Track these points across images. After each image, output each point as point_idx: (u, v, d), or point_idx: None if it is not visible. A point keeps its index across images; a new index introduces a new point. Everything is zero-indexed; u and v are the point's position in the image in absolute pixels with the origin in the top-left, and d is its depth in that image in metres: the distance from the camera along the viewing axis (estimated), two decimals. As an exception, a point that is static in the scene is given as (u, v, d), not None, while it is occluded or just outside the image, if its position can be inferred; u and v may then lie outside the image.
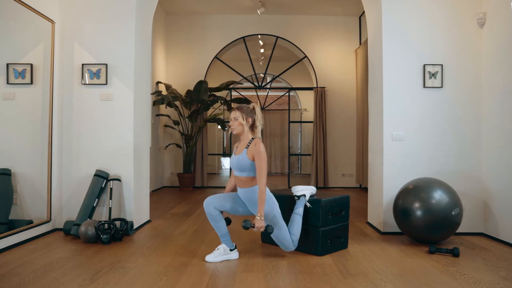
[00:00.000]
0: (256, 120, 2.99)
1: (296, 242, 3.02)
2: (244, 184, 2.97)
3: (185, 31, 7.64)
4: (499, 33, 3.63)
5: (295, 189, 3.23)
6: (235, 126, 2.96)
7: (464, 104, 3.85)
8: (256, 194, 2.90)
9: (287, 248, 3.02)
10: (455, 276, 2.63)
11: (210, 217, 2.94)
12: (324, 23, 7.65)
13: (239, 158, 2.94)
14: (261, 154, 2.84)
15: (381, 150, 3.88)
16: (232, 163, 3.01)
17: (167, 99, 6.57)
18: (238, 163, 2.93)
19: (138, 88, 4.07)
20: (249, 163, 2.89)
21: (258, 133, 3.00)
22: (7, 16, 3.39)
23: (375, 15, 4.10)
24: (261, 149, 2.85)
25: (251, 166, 2.90)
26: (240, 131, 2.98)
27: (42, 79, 3.72)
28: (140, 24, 4.11)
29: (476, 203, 3.80)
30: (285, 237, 2.97)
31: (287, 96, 11.44)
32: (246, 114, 2.96)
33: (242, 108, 2.98)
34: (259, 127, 3.00)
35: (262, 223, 2.81)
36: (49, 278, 2.53)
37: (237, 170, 2.97)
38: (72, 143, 3.91)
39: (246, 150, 2.92)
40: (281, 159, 11.15)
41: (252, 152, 2.87)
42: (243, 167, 2.91)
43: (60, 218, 3.88)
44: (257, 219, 2.82)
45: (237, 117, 2.95)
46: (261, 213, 2.82)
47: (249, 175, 2.93)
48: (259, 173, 2.84)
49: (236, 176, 3.01)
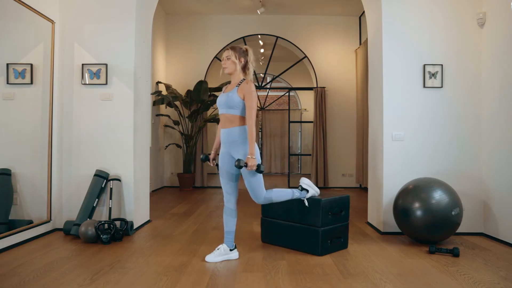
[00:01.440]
0: (248, 61, 2.95)
1: (268, 199, 2.97)
2: (231, 123, 2.88)
3: (185, 31, 7.64)
4: (499, 33, 3.63)
5: (302, 180, 3.23)
6: (228, 64, 2.92)
7: (464, 104, 3.85)
8: (242, 135, 2.85)
9: (257, 198, 2.94)
10: (455, 276, 2.63)
11: (229, 211, 2.97)
12: (324, 23, 7.65)
13: (228, 95, 2.88)
14: (252, 93, 2.81)
15: (381, 150, 3.88)
16: (220, 101, 2.93)
17: (167, 99, 6.57)
18: (227, 99, 2.87)
19: (138, 88, 4.07)
20: (238, 100, 2.84)
21: (250, 75, 2.96)
22: (7, 16, 3.39)
23: (375, 15, 4.10)
24: (252, 88, 2.82)
25: (240, 104, 2.84)
26: (232, 70, 2.93)
27: (42, 79, 3.72)
28: (140, 24, 4.11)
29: (476, 203, 3.80)
30: (259, 186, 2.91)
31: (287, 96, 11.44)
32: (239, 54, 2.92)
33: (235, 48, 2.95)
34: (251, 69, 2.97)
35: (254, 161, 2.76)
36: (49, 278, 2.53)
37: (225, 107, 2.90)
38: (72, 143, 3.91)
39: (236, 88, 2.87)
40: (281, 159, 11.14)
41: (243, 90, 2.83)
42: (232, 105, 2.85)
43: (60, 218, 3.88)
44: (249, 158, 2.76)
45: (230, 56, 2.91)
46: (252, 151, 2.77)
47: (236, 114, 2.86)
48: (249, 111, 2.80)
49: (223, 114, 2.93)
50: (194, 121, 7.14)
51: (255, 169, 2.79)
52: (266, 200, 2.99)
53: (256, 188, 2.91)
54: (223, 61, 2.95)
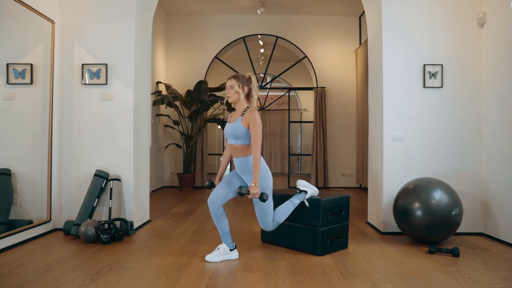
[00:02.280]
0: (252, 89, 2.96)
1: (276, 224, 3.00)
2: (240, 153, 2.92)
3: (185, 31, 7.64)
4: (499, 33, 3.63)
5: (299, 183, 3.23)
6: (231, 94, 2.93)
7: (464, 104, 3.85)
8: (250, 165, 2.87)
9: (265, 226, 2.98)
10: (455, 276, 2.63)
11: (214, 215, 2.93)
12: (324, 23, 7.65)
13: (233, 125, 2.90)
14: (256, 122, 2.81)
15: (381, 150, 3.88)
16: (226, 131, 2.96)
17: (167, 99, 6.57)
18: (233, 130, 2.89)
19: (138, 88, 4.07)
20: (244, 130, 2.85)
21: (254, 102, 2.98)
22: (7, 16, 3.39)
23: (375, 15, 4.10)
24: (256, 116, 2.83)
25: (246, 134, 2.86)
26: (236, 99, 2.94)
27: (42, 79, 3.72)
28: (140, 24, 4.11)
29: (476, 203, 3.80)
30: (268, 214, 2.94)
31: (287, 96, 11.44)
32: (242, 83, 2.94)
33: (238, 76, 2.97)
34: (255, 96, 2.98)
35: (257, 189, 2.77)
36: (49, 278, 2.53)
37: (232, 138, 2.93)
38: (72, 143, 3.91)
39: (241, 117, 2.88)
40: (281, 159, 11.14)
41: (247, 119, 2.84)
42: (238, 135, 2.87)
43: (60, 218, 3.88)
44: (252, 186, 2.77)
45: (233, 85, 2.93)
46: (256, 180, 2.78)
47: (244, 143, 2.89)
48: (253, 140, 2.81)
49: (231, 144, 2.96)
50: (194, 121, 7.14)
51: (257, 197, 2.80)
52: (274, 227, 3.02)
53: (265, 216, 2.96)
54: (227, 90, 2.97)
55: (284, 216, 3.05)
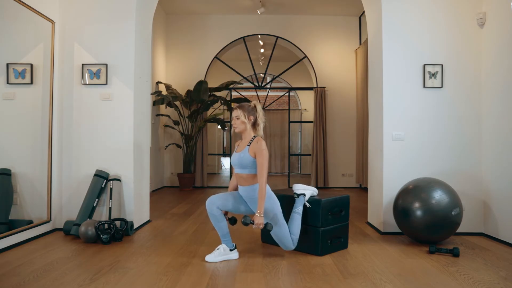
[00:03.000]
0: (257, 118, 3.00)
1: (296, 241, 3.03)
2: (246, 181, 2.97)
3: (185, 31, 7.64)
4: (499, 33, 3.63)
5: (295, 187, 3.24)
6: (237, 124, 2.97)
7: (464, 104, 3.85)
8: (255, 194, 2.91)
9: (287, 247, 3.02)
10: (455, 276, 2.63)
11: (212, 217, 2.94)
12: (324, 23, 7.65)
13: (240, 155, 2.94)
14: (262, 152, 2.85)
15: (381, 150, 3.88)
16: (233, 161, 3.01)
17: (167, 99, 6.57)
18: (239, 160, 2.94)
19: (138, 88, 4.07)
20: (250, 160, 2.90)
21: (260, 130, 3.01)
22: (7, 16, 3.39)
23: (375, 15, 4.10)
24: (262, 146, 2.86)
25: (253, 164, 2.90)
26: (243, 129, 2.98)
27: (42, 79, 3.72)
28: (140, 24, 4.11)
29: (476, 203, 3.80)
30: (285, 236, 2.97)
31: (287, 96, 11.44)
32: (248, 113, 2.97)
33: (244, 106, 2.99)
34: (261, 125, 3.01)
35: (261, 220, 2.81)
36: (49, 278, 2.53)
37: (238, 168, 2.98)
38: (72, 143, 3.91)
39: (248, 147, 2.92)
40: (281, 159, 11.15)
41: (254, 149, 2.88)
42: (245, 164, 2.92)
43: (60, 218, 3.88)
44: (256, 216, 2.82)
45: (239, 116, 2.96)
46: (260, 210, 2.82)
47: (251, 173, 2.93)
48: (260, 170, 2.85)
49: (237, 173, 3.01)
50: (194, 121, 7.14)
51: (262, 228, 2.85)
52: (295, 244, 3.04)
53: (283, 238, 2.99)
54: (233, 120, 3.01)
55: (298, 230, 3.06)
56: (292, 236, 3.01)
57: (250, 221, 2.82)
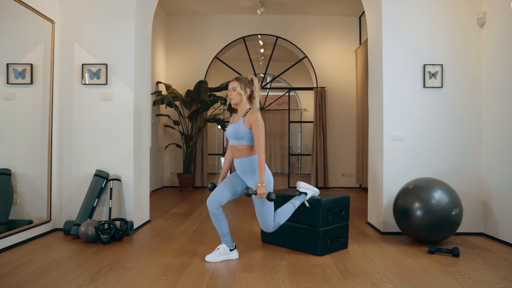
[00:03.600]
0: (254, 91, 2.98)
1: (276, 226, 3.01)
2: (241, 153, 2.93)
3: (185, 31, 7.64)
4: (499, 33, 3.63)
5: (299, 185, 3.23)
6: (234, 96, 2.95)
7: (464, 104, 3.85)
8: (253, 164, 2.89)
9: (266, 228, 2.99)
10: (455, 276, 2.63)
11: (213, 216, 2.93)
12: (324, 23, 7.65)
13: (235, 126, 2.92)
14: (258, 122, 2.83)
15: (381, 150, 3.88)
16: (228, 132, 2.98)
17: (167, 99, 6.57)
18: (235, 131, 2.91)
19: (138, 88, 4.07)
20: (246, 131, 2.87)
21: (256, 103, 3.00)
22: (7, 16, 3.39)
23: (375, 15, 4.10)
24: (258, 117, 2.84)
25: (248, 134, 2.88)
26: (238, 101, 2.96)
27: (42, 79, 3.72)
28: (140, 24, 4.11)
29: (476, 203, 3.80)
30: (268, 216, 2.95)
31: (287, 96, 11.44)
32: (245, 85, 2.96)
33: (241, 79, 2.98)
34: (257, 98, 3.00)
35: (263, 189, 2.78)
36: (49, 278, 2.53)
37: (234, 139, 2.94)
38: (72, 143, 3.91)
39: (243, 118, 2.90)
40: (281, 159, 11.14)
41: (249, 120, 2.86)
42: (240, 135, 2.89)
43: (60, 218, 3.88)
44: (258, 186, 2.79)
45: (236, 87, 2.94)
46: (262, 180, 2.79)
47: (247, 144, 2.90)
48: (257, 141, 2.82)
49: (233, 145, 2.97)
50: (194, 121, 7.14)
51: (265, 197, 2.81)
52: (275, 228, 3.03)
53: (266, 218, 2.96)
54: (229, 92, 2.99)
55: (284, 218, 3.06)
56: (276, 218, 3.00)
57: (253, 192, 2.79)
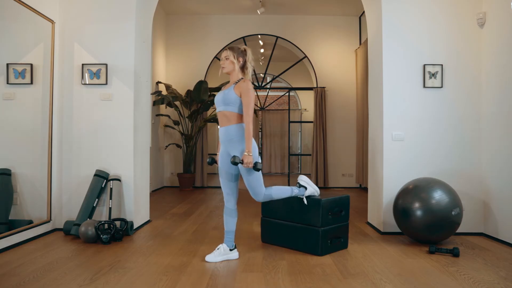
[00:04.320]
0: (247, 61, 2.96)
1: (268, 196, 2.96)
2: (228, 121, 2.88)
3: (185, 31, 7.64)
4: (499, 33, 3.63)
5: (300, 178, 3.23)
6: (226, 64, 2.93)
7: (464, 104, 3.85)
8: (239, 133, 2.84)
9: (256, 196, 2.93)
10: (455, 276, 2.63)
11: (228, 210, 2.98)
12: (324, 23, 7.65)
13: (225, 92, 2.89)
14: (249, 91, 2.81)
15: (381, 150, 3.88)
16: (217, 99, 2.94)
17: (167, 99, 6.57)
18: (223, 97, 2.87)
19: (138, 88, 4.07)
20: (235, 97, 2.84)
21: (249, 74, 2.97)
22: (7, 16, 3.39)
23: (375, 15, 4.10)
24: (249, 86, 2.82)
25: (237, 101, 2.84)
26: (231, 69, 2.93)
27: (42, 79, 3.72)
28: (140, 24, 4.11)
29: (476, 203, 3.80)
30: (257, 184, 2.90)
31: (287, 96, 11.44)
32: (238, 54, 2.93)
33: (234, 48, 2.96)
34: (250, 69, 2.97)
35: (250, 158, 2.75)
36: (49, 278, 2.53)
37: (221, 105, 2.89)
38: (72, 143, 3.91)
39: (234, 85, 2.88)
40: (281, 159, 11.14)
41: (240, 88, 2.83)
42: (229, 101, 2.85)
43: (60, 218, 3.88)
44: (245, 155, 2.75)
45: (228, 56, 2.92)
46: (249, 148, 2.76)
47: (233, 111, 2.86)
48: (246, 109, 2.80)
49: (220, 111, 2.91)
50: (194, 121, 7.14)
51: (251, 167, 2.77)
52: (266, 198, 2.97)
53: (255, 187, 2.90)
54: (222, 61, 2.97)
55: (277, 195, 3.01)
56: (270, 190, 2.97)
57: (239, 161, 2.76)
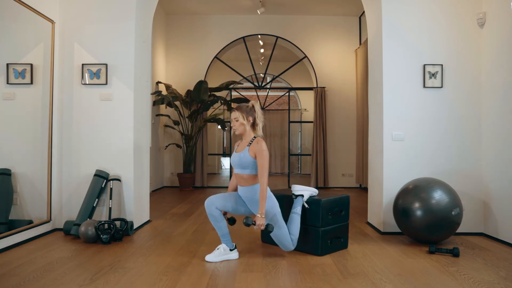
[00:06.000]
0: (256, 118, 2.99)
1: (295, 241, 3.03)
2: (246, 182, 2.97)
3: (185, 31, 7.64)
4: (499, 33, 3.63)
5: (294, 188, 3.24)
6: (237, 126, 2.98)
7: (464, 104, 3.85)
8: (257, 193, 2.91)
9: (287, 248, 3.02)
10: (455, 276, 2.63)
11: (211, 217, 2.94)
12: (324, 23, 7.65)
13: (240, 155, 2.94)
14: (263, 152, 2.85)
15: (381, 150, 3.88)
16: (233, 161, 3.01)
17: (167, 99, 6.57)
18: (239, 160, 2.94)
19: (138, 88, 4.07)
20: (251, 160, 2.90)
21: (259, 130, 3.01)
22: (7, 16, 3.39)
23: (375, 15, 4.10)
24: (263, 147, 2.86)
25: (253, 164, 2.91)
26: (242, 131, 2.99)
27: (42, 79, 3.72)
28: (140, 24, 4.11)
29: (476, 203, 3.80)
30: (284, 237, 2.98)
31: (287, 96, 11.44)
32: (246, 113, 2.97)
33: (242, 107, 2.99)
34: (260, 125, 3.01)
35: (263, 221, 2.82)
36: (49, 278, 2.53)
37: (238, 168, 2.98)
38: (72, 143, 3.91)
39: (248, 148, 2.92)
40: (281, 159, 11.15)
41: (254, 150, 2.89)
42: (245, 165, 2.92)
43: (60, 218, 3.88)
44: (258, 217, 2.83)
45: (238, 118, 2.97)
46: (262, 211, 2.82)
47: (251, 173, 2.93)
48: (260, 171, 2.85)
49: (237, 174, 3.01)
50: (194, 121, 7.14)
51: (263, 229, 2.85)
52: (295, 245, 3.05)
53: (282, 240, 3.00)
54: (232, 122, 3.01)
55: (297, 231, 3.07)
56: (291, 236, 3.02)
57: (251, 222, 2.83)
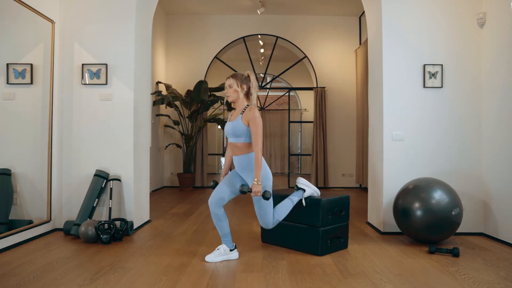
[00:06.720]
0: (251, 87, 2.97)
1: (276, 222, 3.02)
2: (240, 151, 2.93)
3: (185, 31, 7.64)
4: (499, 33, 3.63)
5: (298, 180, 3.24)
6: (230, 93, 2.95)
7: (464, 104, 3.85)
8: (252, 162, 2.88)
9: (266, 224, 3.01)
10: (455, 276, 2.63)
11: (215, 216, 2.93)
12: (324, 23, 7.65)
13: (233, 124, 2.91)
14: (256, 119, 2.82)
15: (381, 150, 3.88)
16: (227, 130, 2.97)
17: (167, 99, 6.57)
18: (233, 129, 2.90)
19: (138, 88, 4.07)
20: (244, 128, 2.86)
21: (253, 100, 2.99)
22: (7, 16, 3.39)
23: (375, 15, 4.10)
24: (256, 114, 2.84)
25: (247, 132, 2.87)
26: (235, 98, 2.95)
27: (42, 79, 3.72)
28: (140, 24, 4.11)
29: (476, 203, 3.80)
30: (268, 212, 2.96)
31: (287, 96, 11.44)
32: (241, 81, 2.95)
33: (237, 75, 2.97)
34: (254, 94, 2.99)
35: (259, 187, 2.78)
36: (49, 278, 2.53)
37: (232, 137, 2.94)
38: (72, 143, 3.91)
39: (241, 115, 2.89)
40: (281, 159, 11.14)
41: (247, 117, 2.85)
42: (239, 133, 2.88)
43: (60, 218, 3.88)
44: (254, 184, 2.79)
45: (232, 84, 2.94)
46: (258, 177, 2.79)
47: (245, 141, 2.90)
48: (254, 138, 2.82)
49: (231, 143, 2.97)
50: (194, 121, 7.14)
51: (260, 195, 2.81)
52: (274, 224, 3.03)
53: (264, 214, 2.97)
54: (226, 89, 2.98)
55: (283, 214, 3.06)
56: (275, 214, 3.00)
57: (247, 189, 2.79)
